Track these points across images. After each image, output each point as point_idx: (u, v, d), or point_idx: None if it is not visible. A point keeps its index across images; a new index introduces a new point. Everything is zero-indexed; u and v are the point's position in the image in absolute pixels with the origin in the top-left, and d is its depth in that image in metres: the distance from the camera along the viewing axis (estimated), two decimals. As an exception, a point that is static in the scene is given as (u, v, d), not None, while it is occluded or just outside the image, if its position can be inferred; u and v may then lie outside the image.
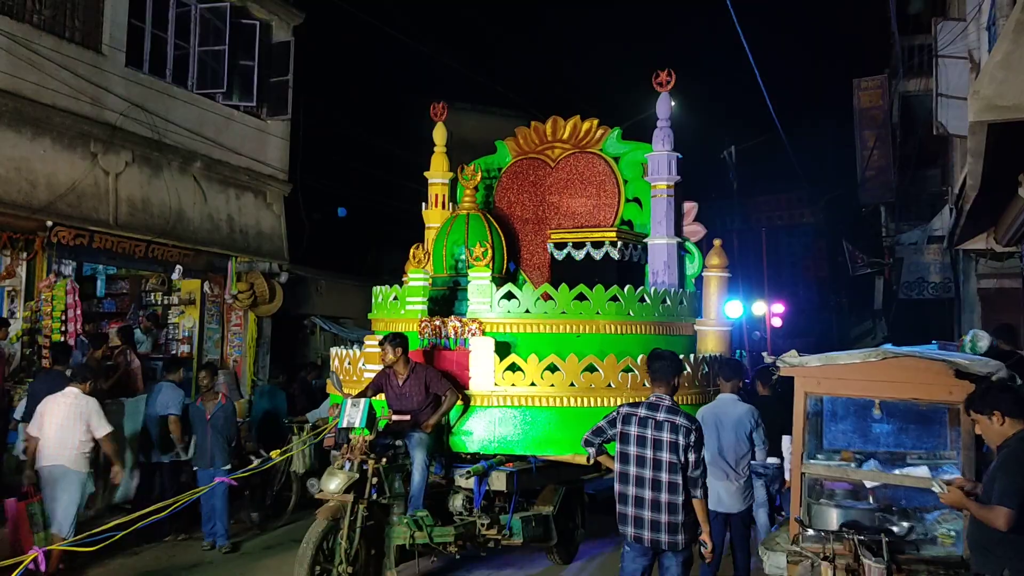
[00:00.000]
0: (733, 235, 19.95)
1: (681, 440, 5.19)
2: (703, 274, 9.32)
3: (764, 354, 6.63)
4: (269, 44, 13.76)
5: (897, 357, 5.20)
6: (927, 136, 15.64)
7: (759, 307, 19.45)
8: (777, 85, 24.61)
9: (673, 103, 9.52)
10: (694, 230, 9.63)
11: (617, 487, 5.39)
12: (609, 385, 7.82)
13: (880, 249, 20.55)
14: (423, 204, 10.35)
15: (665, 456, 5.19)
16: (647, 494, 5.22)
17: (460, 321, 8.04)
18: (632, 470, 5.29)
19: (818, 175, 26.99)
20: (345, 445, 6.75)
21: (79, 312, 10.69)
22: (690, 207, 9.65)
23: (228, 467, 8.57)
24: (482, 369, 7.75)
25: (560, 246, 9.59)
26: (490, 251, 8.43)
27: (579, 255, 9.39)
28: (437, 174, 10.27)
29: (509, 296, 8.10)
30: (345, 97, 17.88)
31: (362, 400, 6.85)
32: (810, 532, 4.93)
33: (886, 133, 19.18)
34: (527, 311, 8.08)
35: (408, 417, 7.19)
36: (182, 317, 13.53)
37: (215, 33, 12.96)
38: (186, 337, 13.44)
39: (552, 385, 7.73)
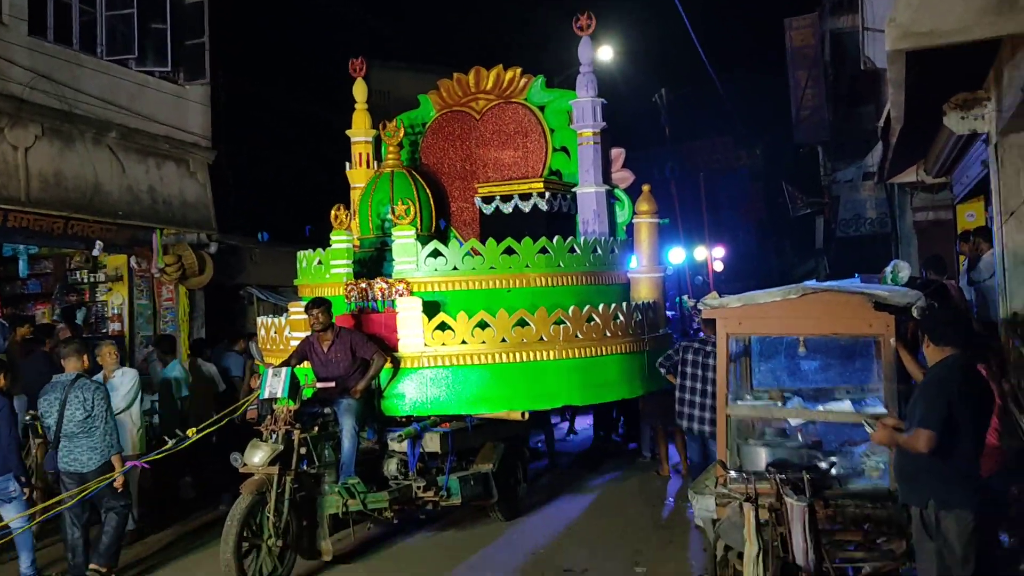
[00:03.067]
0: (671, 182, 19.81)
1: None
2: (634, 221, 9.19)
3: (685, 297, 6.62)
4: (182, 5, 13.13)
5: (816, 293, 5.13)
6: (858, 73, 15.62)
7: (700, 252, 19.45)
8: (710, 29, 24.32)
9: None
10: (623, 176, 9.48)
11: (678, 395, 7.99)
12: (541, 339, 7.70)
13: (819, 189, 20.57)
14: (347, 164, 10.06)
15: (711, 374, 7.33)
16: (697, 399, 7.78)
17: (386, 282, 7.82)
18: (688, 383, 7.88)
19: (755, 118, 26.90)
20: (268, 417, 6.55)
21: (-4, 294, 10.28)
22: (617, 153, 9.48)
23: None
24: (411, 330, 7.57)
25: (488, 200, 9.39)
26: (415, 208, 8.20)
27: (507, 208, 9.22)
28: (359, 132, 9.96)
29: (435, 254, 7.91)
30: (270, 59, 17.26)
31: (283, 369, 6.64)
32: (733, 474, 4.87)
33: (818, 72, 19.08)
34: (454, 268, 7.90)
35: (333, 384, 6.98)
36: (110, 294, 13.09)
37: (123, -4, 12.34)
38: (116, 315, 13.03)
39: (483, 342, 7.59)
